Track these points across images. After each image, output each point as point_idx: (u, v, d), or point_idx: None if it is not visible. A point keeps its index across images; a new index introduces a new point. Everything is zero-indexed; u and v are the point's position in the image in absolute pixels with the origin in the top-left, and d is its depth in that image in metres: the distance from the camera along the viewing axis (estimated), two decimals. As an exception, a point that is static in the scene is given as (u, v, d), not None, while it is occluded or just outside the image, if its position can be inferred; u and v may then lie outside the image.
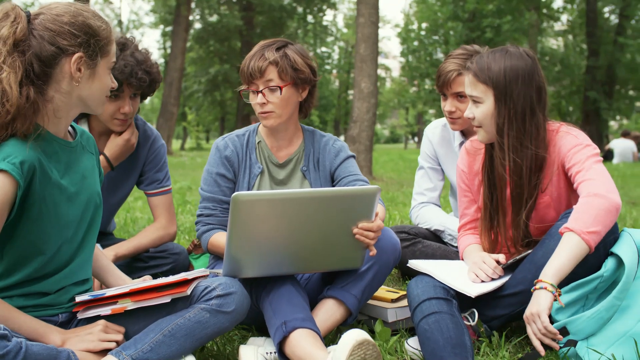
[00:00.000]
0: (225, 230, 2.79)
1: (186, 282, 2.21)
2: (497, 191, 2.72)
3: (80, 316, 2.21)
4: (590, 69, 30.13)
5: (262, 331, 2.70)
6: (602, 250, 2.45)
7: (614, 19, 32.56)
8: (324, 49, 40.81)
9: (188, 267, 3.33)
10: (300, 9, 36.88)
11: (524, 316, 2.35)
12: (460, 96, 3.30)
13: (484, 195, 2.77)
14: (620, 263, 2.42)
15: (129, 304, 2.19)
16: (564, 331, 2.38)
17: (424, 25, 37.25)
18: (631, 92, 34.32)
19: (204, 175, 2.90)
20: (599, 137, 28.18)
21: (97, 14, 2.15)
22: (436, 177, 3.73)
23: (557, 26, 35.18)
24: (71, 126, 2.30)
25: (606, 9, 32.36)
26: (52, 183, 2.08)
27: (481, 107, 2.61)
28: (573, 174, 2.51)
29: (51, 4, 2.11)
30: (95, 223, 2.30)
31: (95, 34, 2.10)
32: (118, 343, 2.16)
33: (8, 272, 2.08)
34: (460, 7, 32.11)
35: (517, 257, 2.58)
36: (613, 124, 41.73)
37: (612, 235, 2.47)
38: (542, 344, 2.31)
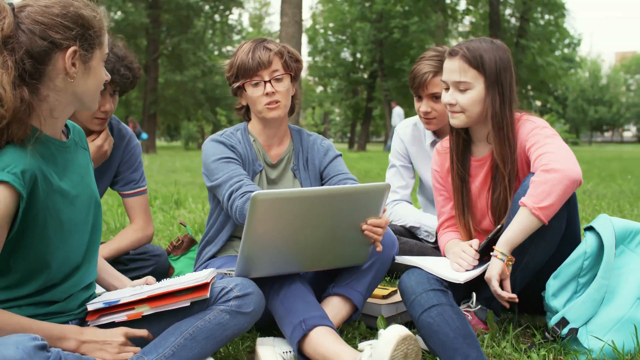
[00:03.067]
0: None
1: (205, 285, 2.16)
2: (467, 180, 2.81)
3: (92, 324, 2.13)
4: (493, 69, 31.17)
5: (262, 331, 2.68)
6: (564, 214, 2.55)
7: (514, 22, 33.86)
8: (229, 47, 40.50)
9: (168, 269, 3.25)
10: (207, 8, 36.54)
11: (485, 277, 2.51)
12: (435, 97, 3.36)
13: (453, 185, 2.84)
14: (600, 242, 2.52)
15: (145, 309, 2.13)
16: (563, 321, 2.48)
17: (330, 25, 37.62)
18: (531, 93, 35.83)
19: (211, 168, 2.75)
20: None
21: (87, 3, 1.99)
22: (408, 175, 3.78)
23: (461, 27, 36.20)
24: None
25: (507, 12, 33.60)
26: (53, 189, 1.96)
27: (470, 93, 2.65)
28: (531, 153, 2.57)
29: None
30: (98, 223, 2.20)
31: (89, 25, 1.95)
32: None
33: (18, 284, 1.97)
34: (368, 7, 32.61)
35: (489, 237, 2.62)
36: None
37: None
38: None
